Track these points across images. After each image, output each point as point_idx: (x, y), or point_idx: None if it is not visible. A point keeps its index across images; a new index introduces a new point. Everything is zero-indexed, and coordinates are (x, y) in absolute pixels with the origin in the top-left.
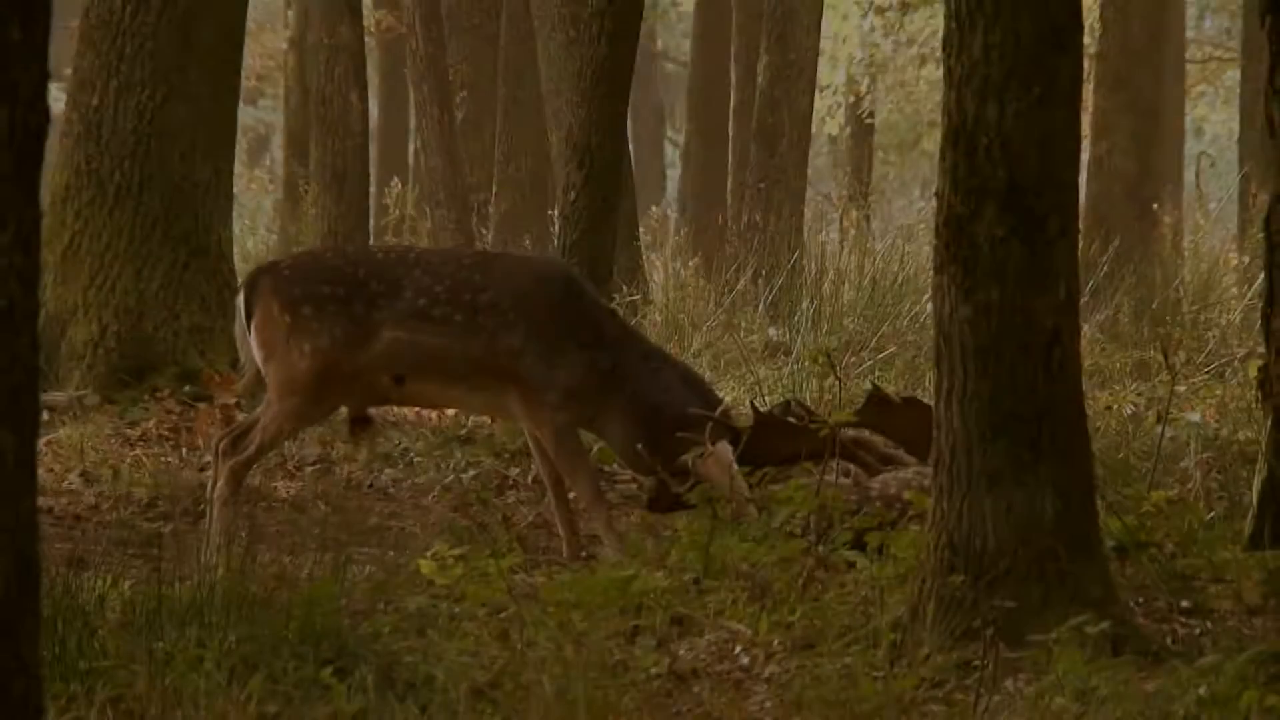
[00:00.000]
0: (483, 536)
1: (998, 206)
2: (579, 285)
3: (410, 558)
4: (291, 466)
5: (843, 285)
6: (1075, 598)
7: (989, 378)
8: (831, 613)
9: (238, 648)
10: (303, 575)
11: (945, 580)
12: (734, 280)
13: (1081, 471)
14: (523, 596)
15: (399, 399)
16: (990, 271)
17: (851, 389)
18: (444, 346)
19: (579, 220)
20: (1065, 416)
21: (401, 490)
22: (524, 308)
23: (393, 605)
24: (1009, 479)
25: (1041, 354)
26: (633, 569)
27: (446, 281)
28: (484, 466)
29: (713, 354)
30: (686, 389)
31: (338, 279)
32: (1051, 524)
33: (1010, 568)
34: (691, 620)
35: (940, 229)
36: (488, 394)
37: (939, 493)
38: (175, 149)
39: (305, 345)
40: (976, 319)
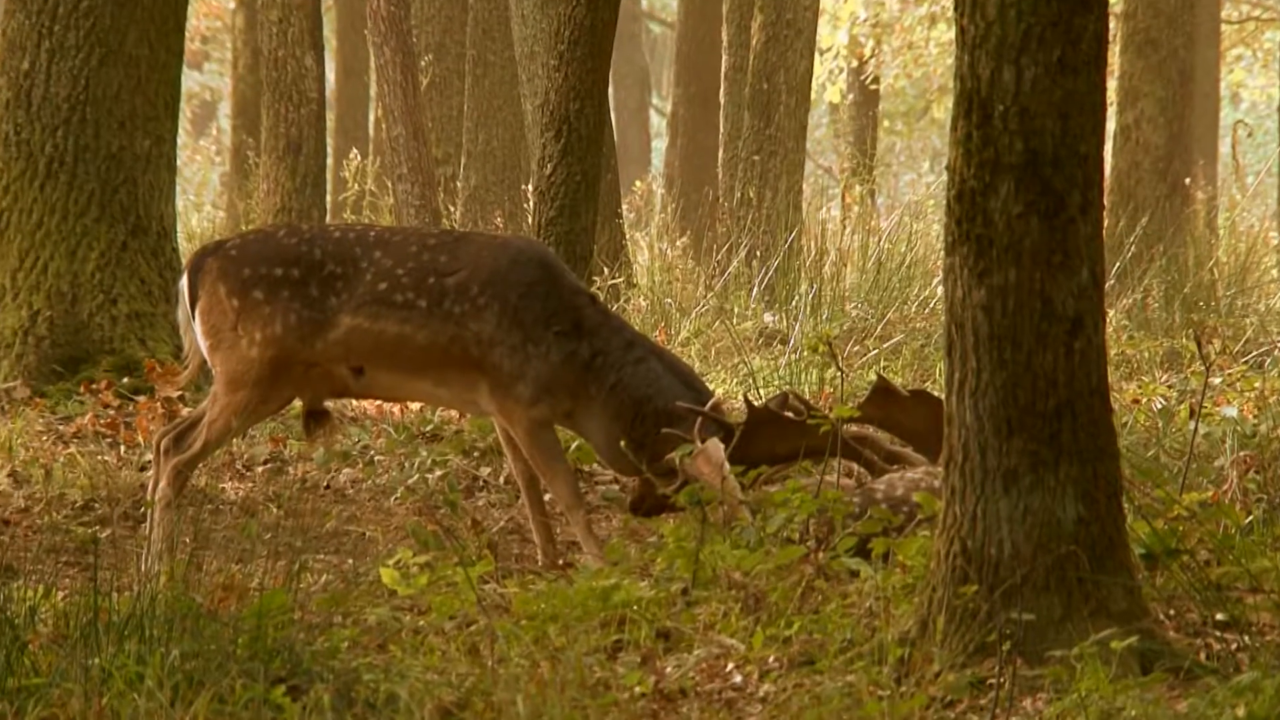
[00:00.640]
0: (450, 543)
1: (1014, 181)
2: (556, 267)
3: (371, 566)
4: (240, 466)
5: (845, 267)
6: (1100, 610)
7: (1005, 368)
8: (832, 626)
9: (181, 664)
10: (253, 585)
11: (957, 590)
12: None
13: (1106, 471)
14: (494, 608)
15: (358, 391)
16: (1006, 252)
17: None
18: (407, 335)
19: (555, 196)
20: (1088, 410)
21: (361, 492)
22: (495, 292)
23: (351, 618)
24: (1027, 479)
25: (1062, 342)
26: (614, 578)
27: (410, 263)
28: (451, 466)
29: (702, 343)
30: (674, 381)
31: (291, 260)
32: (1073, 529)
33: (1028, 577)
34: (679, 634)
35: (952, 205)
36: (455, 387)
37: (950, 494)
38: (113, 118)
39: (255, 333)
40: (991, 304)
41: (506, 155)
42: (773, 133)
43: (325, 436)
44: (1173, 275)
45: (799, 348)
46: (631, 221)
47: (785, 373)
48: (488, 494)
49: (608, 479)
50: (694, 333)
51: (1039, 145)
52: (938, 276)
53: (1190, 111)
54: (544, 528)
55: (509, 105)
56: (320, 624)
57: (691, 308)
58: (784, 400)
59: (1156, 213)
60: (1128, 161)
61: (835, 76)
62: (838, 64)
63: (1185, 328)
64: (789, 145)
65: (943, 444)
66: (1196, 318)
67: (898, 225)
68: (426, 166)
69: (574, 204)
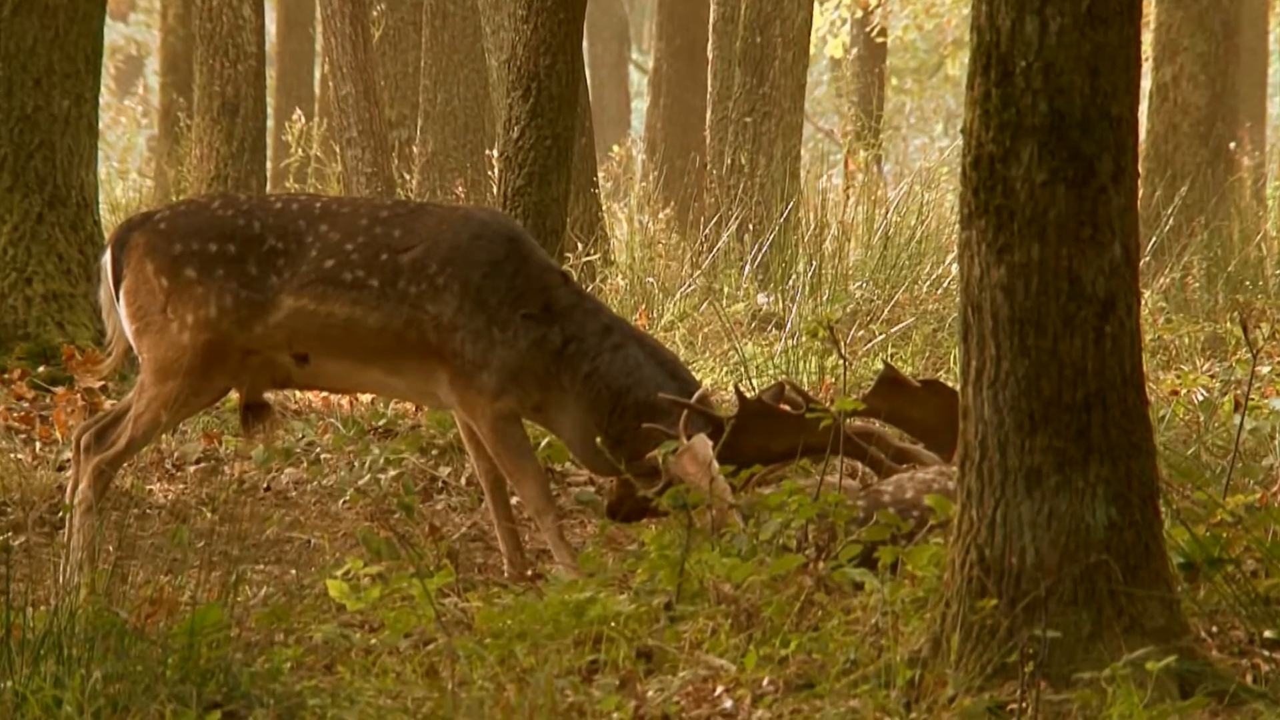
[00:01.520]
0: (405, 551)
1: (1038, 145)
2: (524, 242)
3: (316, 577)
4: (170, 465)
5: (848, 242)
6: (1134, 626)
7: (1027, 356)
8: (834, 645)
9: (104, 688)
10: (184, 599)
11: (974, 605)
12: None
13: (1141, 471)
14: (454, 625)
15: (302, 382)
16: (1029, 225)
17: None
18: (357, 318)
19: (524, 163)
20: (1121, 403)
21: (305, 494)
22: (456, 270)
23: (295, 635)
24: (1052, 480)
25: (1092, 326)
26: (590, 591)
27: (360, 238)
28: (407, 465)
29: (688, 327)
30: (656, 370)
31: (227, 234)
32: (1104, 535)
33: (1053, 589)
34: (662, 654)
35: (968, 173)
36: (411, 376)
37: (966, 497)
38: (27, 74)
39: (187, 316)
40: (1012, 283)
41: (468, 117)
42: (767, 91)
43: (265, 432)
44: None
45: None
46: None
47: (781, 361)
48: (448, 497)
49: (582, 480)
50: (679, 316)
51: (1065, 105)
52: (952, 253)
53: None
54: (510, 534)
55: (471, 61)
56: (260, 642)
57: (676, 288)
58: (780, 391)
59: (1197, 181)
60: (1165, 123)
61: (837, 28)
62: (840, 14)
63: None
64: (785, 106)
65: (958, 440)
66: (1242, 299)
67: (907, 195)
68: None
69: (544, 171)
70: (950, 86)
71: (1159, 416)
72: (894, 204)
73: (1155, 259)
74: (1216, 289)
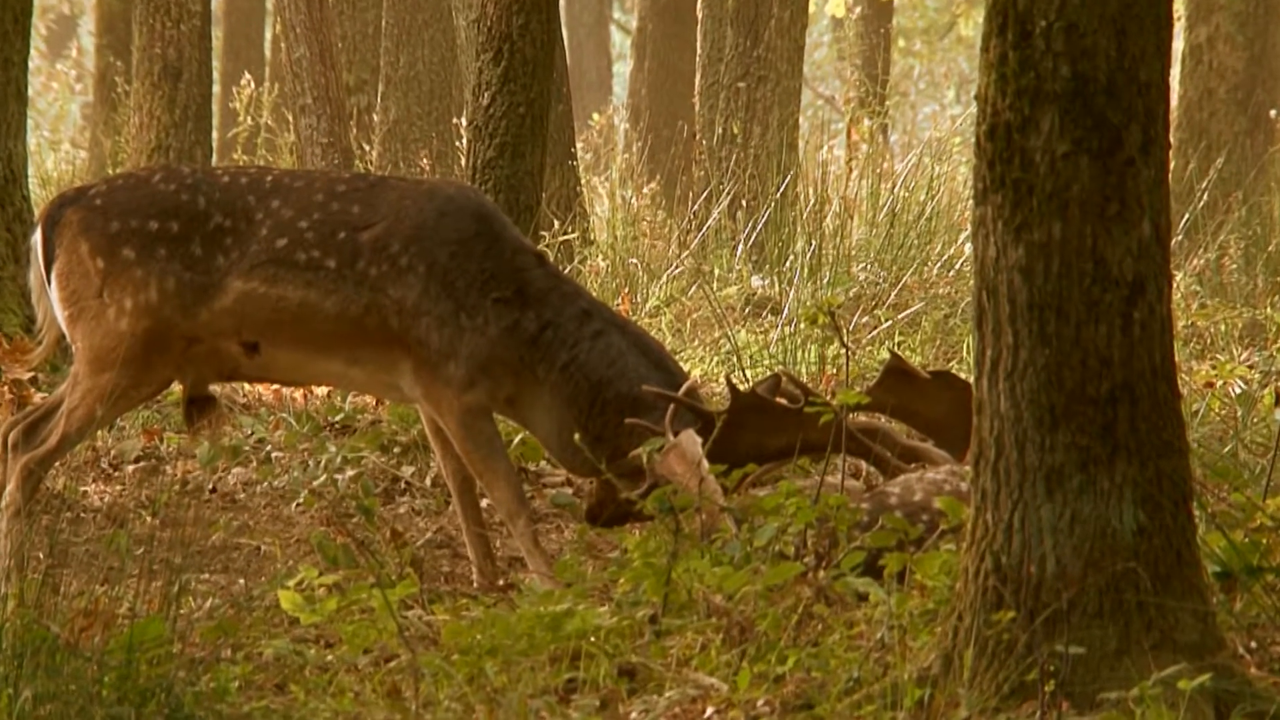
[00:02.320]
0: (365, 559)
1: (1060, 113)
2: (495, 220)
3: (267, 587)
4: (107, 464)
5: (851, 220)
6: (1165, 641)
7: (1048, 344)
8: (836, 662)
9: (35, 708)
10: (122, 611)
11: (989, 618)
12: (704, 213)
13: (1173, 470)
14: (419, 640)
15: (252, 373)
16: (1050, 200)
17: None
18: (312, 302)
19: (495, 132)
20: (1151, 396)
21: (255, 496)
22: (420, 250)
23: (243, 651)
24: (1075, 480)
25: (1119, 312)
26: (567, 603)
27: (315, 214)
28: (366, 465)
29: (675, 312)
30: (640, 360)
31: (169, 211)
32: (1132, 541)
33: (1076, 601)
34: (647, 672)
35: (983, 144)
36: (371, 367)
37: (981, 499)
38: None
39: (125, 300)
40: (1031, 265)
41: (434, 82)
42: (762, 54)
43: (211, 428)
44: (1254, 229)
45: (794, 319)
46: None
47: (777, 350)
48: (411, 499)
49: (559, 480)
50: (665, 300)
51: (1090, 69)
52: (965, 231)
53: (1276, 27)
54: (480, 541)
55: (437, 20)
56: (205, 659)
57: (662, 270)
58: (776, 384)
59: (1234, 152)
60: (1199, 89)
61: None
62: None
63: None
64: (782, 69)
65: (972, 437)
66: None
67: (916, 168)
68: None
69: (517, 142)
70: (963, 48)
71: (1192, 411)
72: (901, 177)
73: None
74: (1255, 270)
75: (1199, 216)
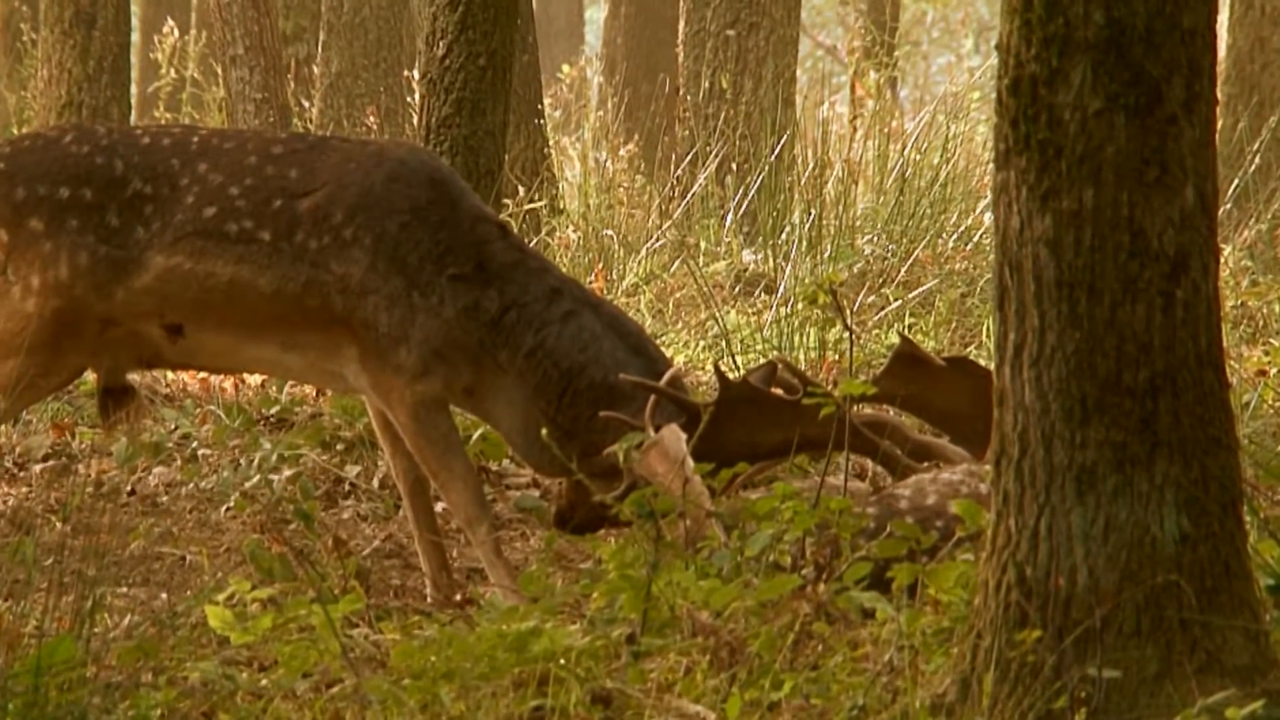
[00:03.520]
0: (303, 570)
1: (1092, 64)
2: (452, 186)
3: (193, 602)
4: (11, 463)
5: (855, 186)
6: (1211, 663)
7: (1079, 327)
8: (838, 687)
9: None
10: (28, 629)
11: (1012, 637)
12: (689, 178)
13: (1220, 470)
14: (365, 662)
15: (176, 359)
16: (1081, 164)
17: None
18: (244, 280)
19: (451, 87)
20: (1195, 386)
21: (180, 499)
22: (367, 220)
23: (166, 675)
24: (1109, 481)
25: (1159, 290)
26: (533, 620)
27: (248, 180)
28: (305, 464)
29: (656, 291)
30: (617, 345)
31: (82, 176)
32: (1174, 551)
33: (1111, 618)
34: (624, 699)
35: (1005, 100)
36: (312, 352)
37: (1003, 503)
38: None
39: (32, 277)
40: (1060, 237)
41: (382, 30)
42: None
43: (130, 422)
44: None
45: (791, 299)
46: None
47: (772, 333)
48: (356, 502)
49: (524, 482)
50: (644, 278)
51: (1126, 15)
52: (985, 199)
53: None
54: (434, 550)
55: None
56: (122, 684)
57: (641, 243)
58: (771, 372)
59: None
60: (1250, 38)
61: None
62: None
63: None
64: (777, 16)
65: (992, 433)
66: None
67: (928, 127)
68: (270, 45)
69: (476, 98)
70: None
71: (1242, 403)
72: (912, 138)
73: (1238, 206)
74: None
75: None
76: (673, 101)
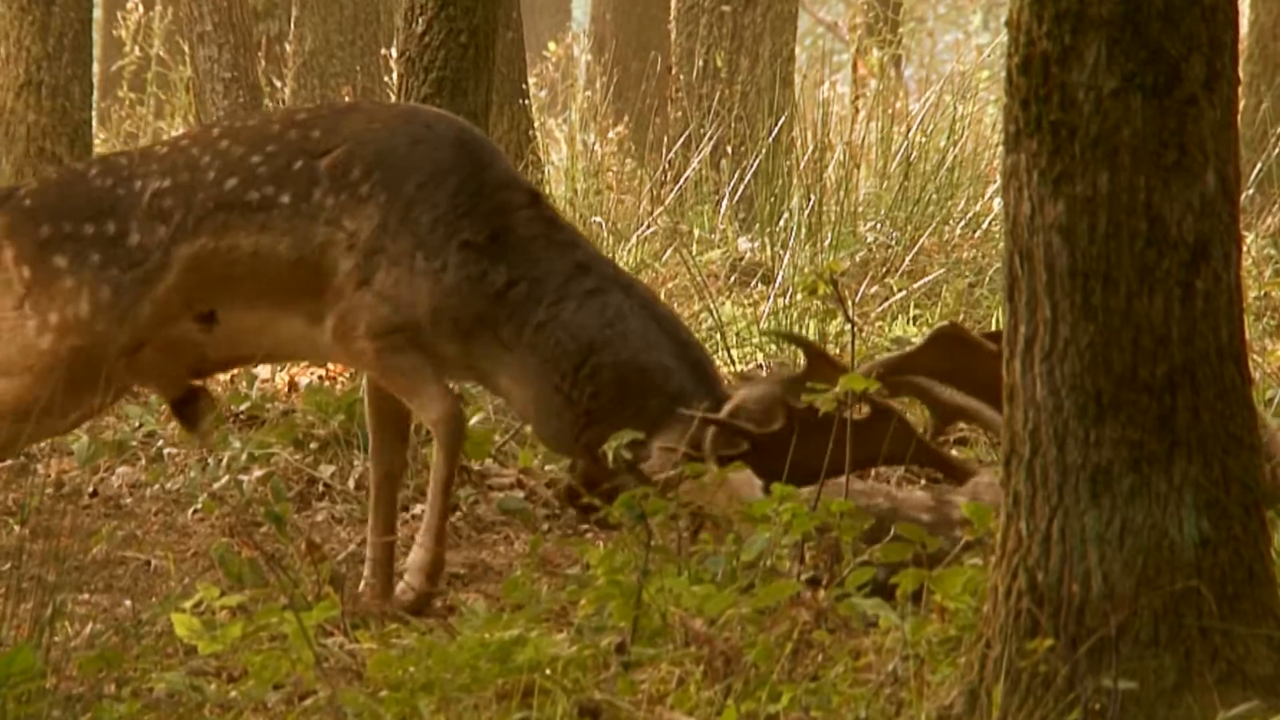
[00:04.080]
0: (275, 576)
1: (1107, 42)
2: (481, 150)
3: (159, 610)
4: None
5: (857, 170)
6: (1233, 674)
7: (1093, 319)
8: (839, 699)
9: None
10: None
11: (1023, 646)
12: (682, 162)
13: (1242, 470)
14: (340, 672)
15: (219, 355)
16: (1095, 147)
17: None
18: (266, 248)
19: (431, 65)
20: (1216, 381)
21: (145, 501)
22: (385, 177)
23: (130, 686)
24: (1125, 482)
25: (1178, 280)
26: (518, 628)
27: (270, 146)
28: (277, 463)
29: (647, 280)
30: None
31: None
32: (1194, 555)
33: (1127, 626)
34: (613, 711)
35: (1015, 78)
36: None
37: (1013, 505)
38: None
39: (51, 314)
40: (1073, 224)
41: (359, 5)
42: None
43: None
44: None
45: (789, 289)
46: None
47: (769, 325)
48: (330, 504)
49: (508, 483)
50: (635, 264)
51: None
52: (994, 184)
53: None
54: (385, 551)
55: None
56: (84, 695)
57: (631, 229)
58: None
59: None
60: (1274, 14)
61: None
62: None
63: None
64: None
65: (1003, 431)
66: None
67: (934, 108)
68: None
69: (457, 77)
70: None
71: (1265, 399)
72: (918, 119)
73: (1260, 192)
74: None
75: (1274, 166)
76: (665, 81)
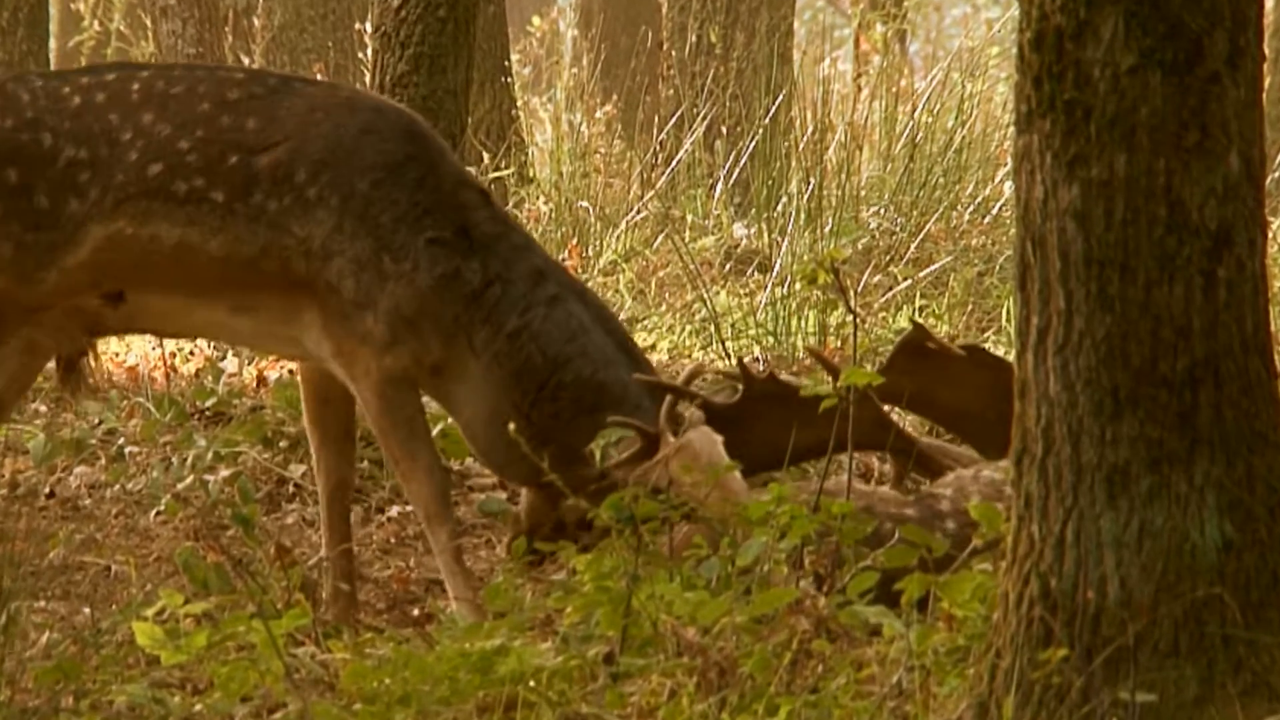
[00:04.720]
0: (243, 582)
1: (1125, 16)
2: (430, 144)
3: (119, 618)
4: None
5: (860, 152)
6: (1257, 685)
7: (1110, 310)
8: (840, 712)
9: None
10: None
11: (1035, 657)
12: (674, 143)
13: (1267, 470)
14: (312, 684)
15: (119, 325)
16: (1112, 128)
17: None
18: (193, 243)
19: (409, 41)
20: (1240, 375)
21: (104, 503)
22: (334, 178)
23: (89, 699)
24: (1144, 483)
25: (1199, 269)
26: (500, 638)
27: (199, 131)
28: (245, 463)
29: (637, 269)
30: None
31: (7, 156)
32: (1216, 559)
33: (1146, 635)
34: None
35: (1027, 55)
36: (264, 316)
37: (1025, 507)
38: None
39: None
40: (1088, 209)
41: None
42: None
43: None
44: None
45: (788, 277)
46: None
47: (766, 316)
48: (301, 506)
49: (489, 483)
50: (624, 254)
51: None
52: (1005, 167)
53: None
54: (344, 560)
55: None
56: (41, 708)
57: (620, 215)
58: None
59: None
60: None
61: None
62: None
63: None
64: None
65: (1013, 429)
66: None
67: (942, 86)
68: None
69: (436, 53)
70: None
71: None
72: (924, 99)
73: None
74: None
75: None
76: (656, 57)
